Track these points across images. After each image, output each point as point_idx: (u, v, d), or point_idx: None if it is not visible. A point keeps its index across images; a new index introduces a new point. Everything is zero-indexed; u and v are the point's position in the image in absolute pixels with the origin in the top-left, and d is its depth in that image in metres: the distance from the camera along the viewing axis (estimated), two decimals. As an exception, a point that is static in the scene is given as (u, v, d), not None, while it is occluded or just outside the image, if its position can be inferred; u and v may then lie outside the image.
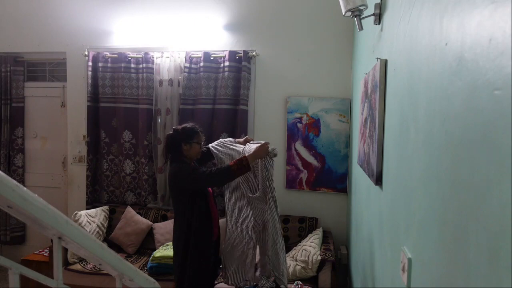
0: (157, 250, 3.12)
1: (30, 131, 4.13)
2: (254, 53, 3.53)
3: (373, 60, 1.88)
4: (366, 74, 2.09)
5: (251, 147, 2.34)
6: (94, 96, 3.79)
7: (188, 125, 2.40)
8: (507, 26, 0.54)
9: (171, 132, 2.38)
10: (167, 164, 2.41)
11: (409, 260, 1.07)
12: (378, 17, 1.74)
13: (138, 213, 3.58)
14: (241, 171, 2.20)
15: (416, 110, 1.06)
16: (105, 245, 0.93)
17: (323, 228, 3.37)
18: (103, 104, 3.78)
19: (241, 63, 3.50)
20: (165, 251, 3.02)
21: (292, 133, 3.53)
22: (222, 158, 2.45)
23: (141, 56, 3.67)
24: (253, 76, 3.59)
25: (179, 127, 2.39)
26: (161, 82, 3.66)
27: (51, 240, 0.84)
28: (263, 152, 2.23)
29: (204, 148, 2.50)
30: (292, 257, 2.96)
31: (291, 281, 2.77)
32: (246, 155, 2.24)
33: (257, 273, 2.28)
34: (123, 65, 3.70)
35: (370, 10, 1.83)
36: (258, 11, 3.57)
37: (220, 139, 2.58)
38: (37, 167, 4.15)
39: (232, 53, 3.50)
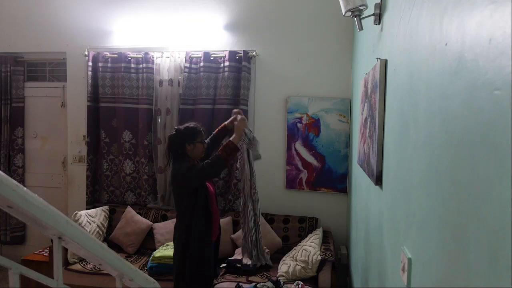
0: (157, 250, 3.12)
1: (30, 131, 4.13)
2: (254, 53, 3.53)
3: (373, 60, 1.88)
4: (366, 74, 2.09)
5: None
6: (94, 96, 3.79)
7: (191, 124, 2.38)
8: (507, 26, 0.54)
9: (173, 133, 2.36)
10: (169, 165, 2.40)
11: (409, 260, 1.07)
12: (378, 17, 1.74)
13: (138, 213, 3.58)
14: (231, 155, 2.25)
15: (416, 110, 1.06)
16: (105, 245, 0.93)
17: (323, 228, 3.37)
18: (103, 104, 3.78)
19: (241, 63, 3.50)
20: (165, 251, 3.02)
21: (292, 133, 3.53)
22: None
23: (141, 56, 3.67)
24: (253, 76, 3.59)
25: (182, 127, 2.37)
26: (161, 82, 3.66)
27: (51, 240, 0.84)
28: (243, 126, 2.33)
29: (207, 141, 2.51)
30: (292, 257, 2.96)
31: (291, 281, 2.77)
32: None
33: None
34: (123, 65, 3.70)
35: (370, 10, 1.83)
36: (258, 11, 3.57)
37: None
38: (37, 167, 4.15)
39: (232, 53, 3.50)
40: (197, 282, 2.27)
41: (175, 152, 2.33)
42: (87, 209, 3.68)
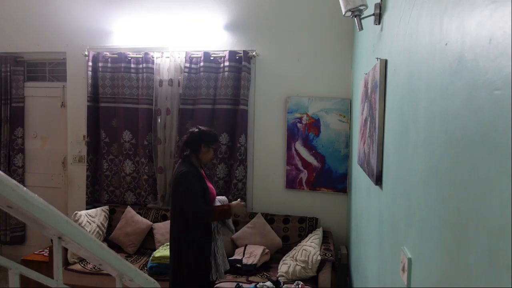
0: (157, 250, 3.12)
1: (30, 131, 4.13)
2: (254, 53, 3.53)
3: (373, 60, 1.88)
4: (366, 74, 2.09)
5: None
6: (94, 96, 3.79)
7: (212, 131, 2.46)
8: (507, 26, 0.54)
9: (196, 130, 2.39)
10: (179, 159, 2.40)
11: (409, 260, 1.07)
12: (378, 17, 1.74)
13: (138, 213, 3.58)
14: (219, 219, 2.36)
15: (416, 110, 1.06)
16: (105, 245, 0.93)
17: (323, 228, 3.37)
18: (103, 104, 3.78)
19: (241, 63, 3.50)
20: (165, 251, 3.02)
21: (292, 133, 3.53)
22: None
23: (141, 56, 3.67)
24: (253, 76, 3.59)
25: (204, 128, 2.43)
26: (161, 82, 3.66)
27: (51, 240, 0.84)
28: (239, 210, 2.41)
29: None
30: (292, 257, 2.96)
31: (291, 281, 2.77)
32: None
33: None
34: (123, 65, 3.70)
35: (370, 10, 1.83)
36: (258, 11, 3.57)
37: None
38: (37, 167, 4.14)
39: (232, 53, 3.50)
40: (193, 280, 2.26)
41: (191, 147, 2.36)
42: (87, 209, 3.68)
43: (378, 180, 1.61)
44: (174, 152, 3.66)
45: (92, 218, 3.42)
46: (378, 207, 1.68)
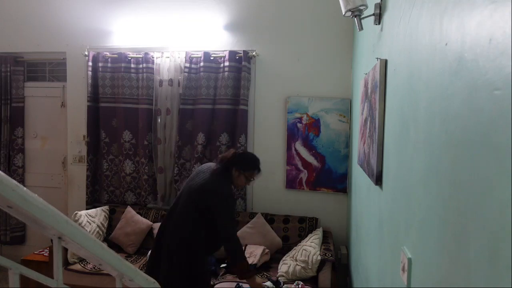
0: (157, 250, 3.12)
1: (30, 131, 4.13)
2: (254, 53, 3.53)
3: (373, 60, 1.88)
4: (366, 74, 2.09)
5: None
6: (94, 96, 3.79)
7: (254, 157, 2.39)
8: (507, 26, 0.54)
9: (239, 152, 2.40)
10: (218, 172, 2.29)
11: (409, 260, 1.07)
12: (378, 17, 1.74)
13: (138, 213, 3.58)
14: (239, 269, 2.26)
15: (416, 110, 1.06)
16: (105, 245, 0.93)
17: (323, 228, 3.37)
18: (103, 104, 3.78)
19: (241, 63, 3.50)
20: (165, 251, 3.02)
21: (292, 133, 3.53)
22: None
23: (141, 56, 3.67)
24: (253, 76, 3.59)
25: (246, 152, 2.55)
26: (161, 82, 3.66)
27: (51, 240, 0.84)
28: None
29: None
30: (292, 257, 2.96)
31: (291, 281, 2.77)
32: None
33: None
34: (123, 65, 3.70)
35: (370, 10, 1.83)
36: (258, 11, 3.57)
37: None
38: (37, 167, 4.14)
39: (232, 53, 3.50)
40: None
41: (228, 165, 2.30)
42: (87, 209, 3.68)
43: (378, 180, 1.61)
44: (174, 152, 3.67)
45: (92, 218, 3.42)
46: (378, 207, 1.68)
